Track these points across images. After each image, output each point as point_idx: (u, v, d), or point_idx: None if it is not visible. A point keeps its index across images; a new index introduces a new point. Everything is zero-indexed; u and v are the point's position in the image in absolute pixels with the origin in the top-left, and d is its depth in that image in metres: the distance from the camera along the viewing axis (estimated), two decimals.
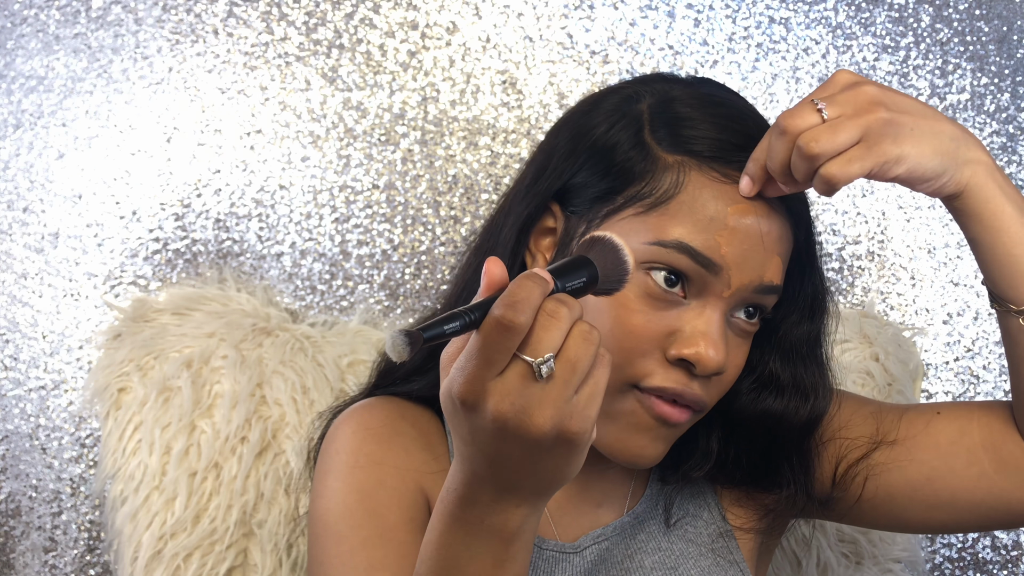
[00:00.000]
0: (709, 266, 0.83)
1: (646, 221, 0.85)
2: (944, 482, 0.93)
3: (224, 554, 1.12)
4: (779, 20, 1.42)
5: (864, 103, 0.81)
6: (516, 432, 0.63)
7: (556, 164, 0.92)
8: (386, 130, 1.37)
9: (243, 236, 1.35)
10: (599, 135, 0.90)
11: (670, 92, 0.90)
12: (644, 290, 0.84)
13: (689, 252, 0.83)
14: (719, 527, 0.98)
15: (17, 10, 1.34)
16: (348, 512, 0.88)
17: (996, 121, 1.45)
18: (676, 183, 0.85)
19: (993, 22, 1.44)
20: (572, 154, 0.91)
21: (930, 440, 0.94)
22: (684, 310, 0.84)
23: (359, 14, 1.37)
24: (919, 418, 0.96)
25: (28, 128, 1.34)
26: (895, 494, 0.95)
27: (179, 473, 1.12)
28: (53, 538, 1.33)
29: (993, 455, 0.92)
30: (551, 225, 0.92)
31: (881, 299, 1.43)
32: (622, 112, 0.90)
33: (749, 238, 0.84)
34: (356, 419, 0.95)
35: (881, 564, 1.26)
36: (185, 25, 1.35)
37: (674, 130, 0.87)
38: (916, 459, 0.94)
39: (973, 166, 0.84)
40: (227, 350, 1.18)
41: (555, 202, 0.91)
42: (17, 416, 1.34)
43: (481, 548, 0.68)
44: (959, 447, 0.93)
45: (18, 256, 1.34)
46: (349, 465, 0.91)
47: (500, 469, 0.66)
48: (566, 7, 1.39)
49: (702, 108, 0.88)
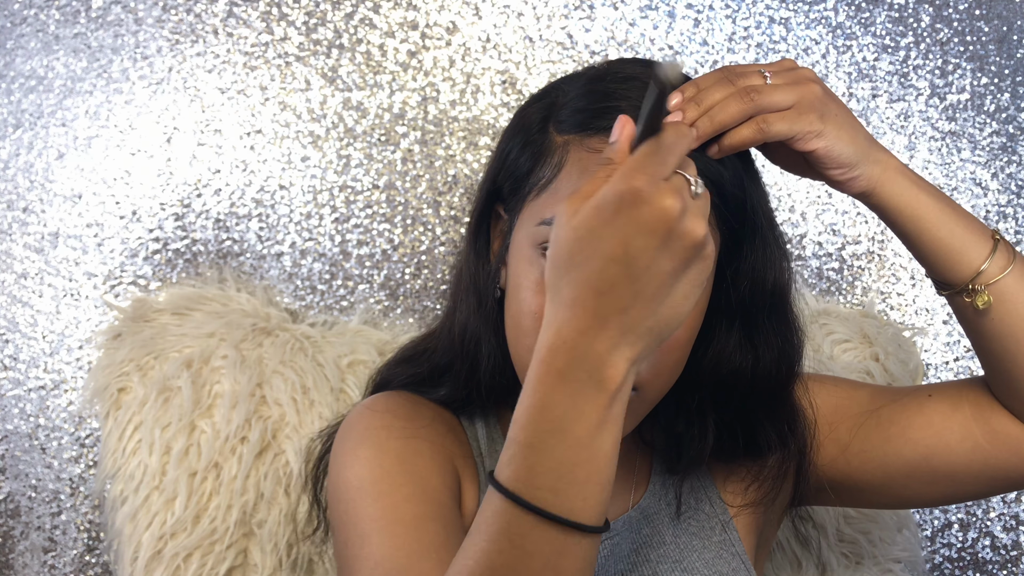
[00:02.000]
0: None
1: (539, 202, 0.87)
2: (941, 459, 0.96)
3: (224, 554, 1.12)
4: (779, 20, 1.42)
5: (802, 79, 0.89)
6: (677, 230, 0.64)
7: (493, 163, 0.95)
8: (386, 130, 1.37)
9: (243, 236, 1.35)
10: (523, 121, 0.93)
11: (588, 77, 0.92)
12: (542, 271, 0.85)
13: None
14: (720, 519, 0.99)
15: (17, 10, 1.34)
16: (386, 474, 0.86)
17: (996, 121, 1.45)
18: (558, 164, 0.87)
19: (993, 22, 1.44)
20: (504, 146, 0.94)
21: (924, 419, 0.97)
22: None
23: (359, 14, 1.37)
24: (912, 401, 0.99)
25: (28, 128, 1.34)
26: (893, 474, 0.98)
27: (179, 473, 1.12)
28: (52, 538, 1.33)
29: (984, 427, 0.95)
30: (503, 227, 0.95)
31: (881, 299, 1.43)
32: (544, 104, 0.92)
33: None
34: (380, 403, 0.94)
35: (881, 564, 1.26)
36: (185, 25, 1.35)
37: (570, 111, 0.89)
38: (912, 439, 0.97)
39: (884, 164, 0.91)
40: (227, 350, 1.18)
41: (499, 203, 0.94)
42: (17, 416, 1.34)
43: (588, 403, 0.66)
44: (952, 423, 0.96)
45: (18, 256, 1.34)
46: (382, 437, 0.89)
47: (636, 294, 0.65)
48: (566, 7, 1.39)
49: (588, 84, 0.90)
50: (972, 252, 0.91)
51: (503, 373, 0.94)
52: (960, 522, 1.44)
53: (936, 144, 1.44)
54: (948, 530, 1.44)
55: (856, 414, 1.00)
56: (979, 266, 0.91)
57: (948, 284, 0.93)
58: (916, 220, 0.91)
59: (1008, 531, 1.44)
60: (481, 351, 0.94)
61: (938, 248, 0.91)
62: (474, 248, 0.96)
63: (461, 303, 0.96)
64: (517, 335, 0.87)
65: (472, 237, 0.96)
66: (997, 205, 1.45)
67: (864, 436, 0.99)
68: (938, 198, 0.92)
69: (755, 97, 0.86)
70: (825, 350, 1.30)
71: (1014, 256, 0.92)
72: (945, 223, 0.91)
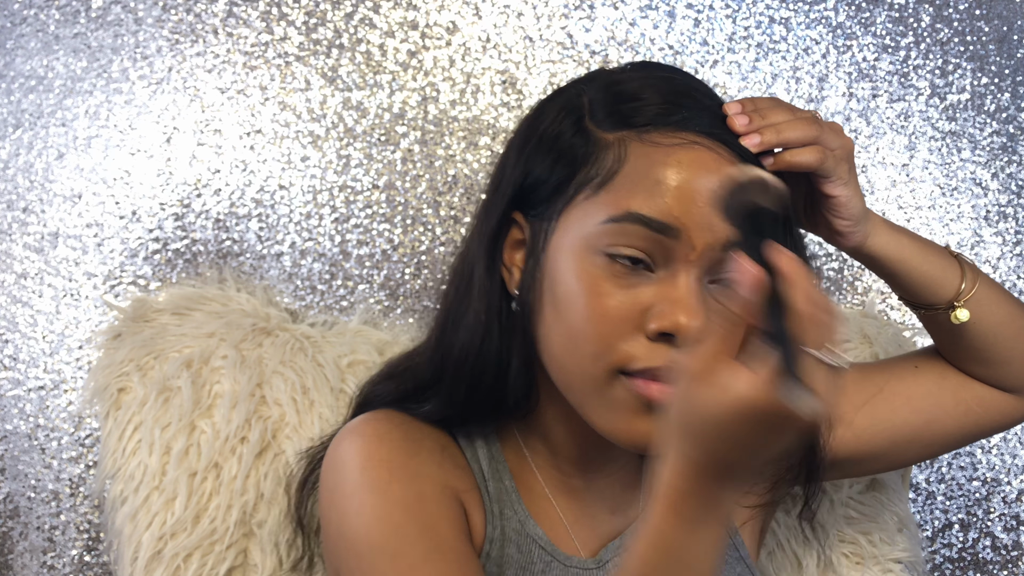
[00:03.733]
0: (666, 230, 0.82)
1: (596, 202, 0.84)
2: (940, 424, 1.06)
3: (224, 554, 1.11)
4: (779, 20, 1.42)
5: (843, 131, 0.96)
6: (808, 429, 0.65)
7: (509, 172, 0.92)
8: (386, 130, 1.37)
9: (243, 236, 1.35)
10: (544, 130, 0.90)
11: (607, 79, 0.92)
12: (611, 272, 0.83)
13: (642, 220, 0.82)
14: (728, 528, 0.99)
15: (17, 10, 1.34)
16: (396, 529, 0.83)
17: (996, 121, 1.45)
18: (618, 158, 0.85)
19: (993, 22, 1.44)
20: (522, 157, 0.91)
21: (923, 390, 1.06)
22: (655, 283, 0.83)
23: (359, 14, 1.37)
24: (907, 373, 1.07)
25: (28, 128, 1.34)
26: (899, 441, 1.06)
27: (179, 473, 1.12)
28: (52, 539, 1.33)
29: (972, 394, 1.06)
30: (520, 237, 0.91)
31: (881, 299, 1.43)
32: (565, 108, 0.91)
33: (703, 195, 0.83)
34: (371, 431, 0.91)
35: (881, 564, 1.26)
36: (185, 25, 1.35)
37: (611, 110, 0.88)
38: (916, 409, 1.05)
39: (872, 219, 0.99)
40: (227, 350, 1.18)
41: (517, 211, 0.91)
42: (16, 416, 1.33)
43: (704, 535, 0.69)
44: (945, 392, 1.06)
45: (18, 256, 1.34)
46: (383, 479, 0.86)
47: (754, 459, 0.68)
48: (566, 7, 1.39)
49: (632, 82, 0.90)
50: (949, 277, 1.01)
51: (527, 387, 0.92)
52: (960, 522, 1.44)
53: (936, 144, 1.44)
54: (948, 530, 1.44)
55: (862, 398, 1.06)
56: (958, 287, 1.00)
57: (929, 306, 1.03)
58: (901, 263, 1.00)
59: (1008, 531, 1.44)
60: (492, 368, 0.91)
61: (922, 281, 1.01)
62: (489, 260, 0.92)
63: (466, 318, 0.92)
64: (576, 343, 0.84)
65: (488, 248, 0.92)
66: (997, 205, 1.45)
67: (871, 412, 1.05)
68: (913, 237, 1.01)
69: (820, 127, 0.91)
70: None
71: (973, 268, 1.02)
72: (925, 258, 1.00)
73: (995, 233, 1.45)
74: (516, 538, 0.91)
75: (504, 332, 0.91)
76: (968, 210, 1.45)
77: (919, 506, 1.43)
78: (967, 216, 1.45)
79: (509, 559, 0.91)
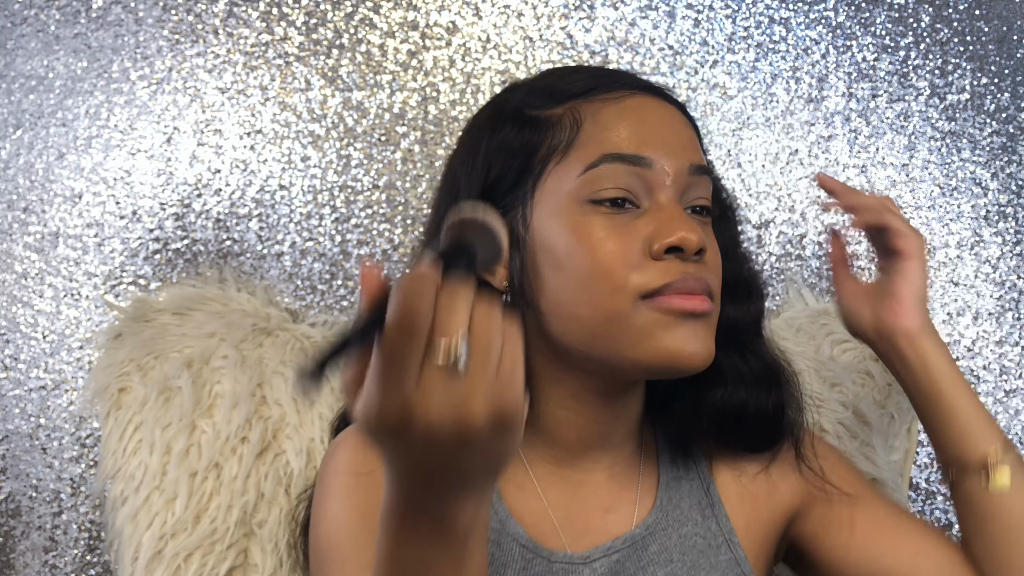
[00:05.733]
0: (640, 161, 0.88)
1: (568, 162, 0.89)
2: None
3: (224, 554, 1.12)
4: (779, 20, 1.42)
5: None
6: (454, 435, 0.58)
7: (465, 184, 0.94)
8: (386, 130, 1.37)
9: (243, 236, 1.35)
10: (487, 138, 0.94)
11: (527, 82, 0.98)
12: (601, 216, 0.88)
13: (617, 158, 0.88)
14: (727, 538, 0.99)
15: (17, 10, 1.34)
16: (350, 535, 0.87)
17: (996, 121, 1.45)
18: (574, 120, 0.91)
19: (993, 22, 1.44)
20: (475, 168, 0.94)
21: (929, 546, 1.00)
22: (645, 215, 0.88)
23: (359, 14, 1.37)
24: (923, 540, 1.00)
25: (28, 128, 1.34)
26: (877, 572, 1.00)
27: (179, 473, 1.12)
28: (53, 538, 1.33)
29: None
30: None
31: None
32: (500, 116, 0.95)
33: (659, 128, 0.90)
34: (351, 441, 0.94)
35: None
36: (185, 25, 1.35)
37: (545, 96, 0.93)
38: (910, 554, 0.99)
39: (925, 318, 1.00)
40: (227, 350, 1.18)
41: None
42: (17, 416, 1.34)
43: (438, 552, 0.64)
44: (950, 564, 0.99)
45: (18, 256, 1.34)
46: (348, 486, 0.90)
47: (443, 474, 0.61)
48: (566, 7, 1.39)
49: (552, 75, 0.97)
50: (991, 426, 0.96)
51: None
52: None
53: (936, 144, 1.44)
54: (948, 531, 1.44)
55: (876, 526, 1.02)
56: (999, 442, 0.95)
57: (963, 461, 0.96)
58: (952, 380, 0.97)
59: None
60: None
61: (966, 416, 0.96)
62: None
63: None
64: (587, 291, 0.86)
65: None
66: (997, 205, 1.45)
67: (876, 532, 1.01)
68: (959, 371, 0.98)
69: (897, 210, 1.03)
70: (825, 350, 1.30)
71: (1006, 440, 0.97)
72: (969, 392, 0.97)
73: (995, 233, 1.45)
74: (496, 537, 0.93)
75: None
76: (968, 210, 1.45)
77: (919, 506, 1.43)
78: (967, 216, 1.45)
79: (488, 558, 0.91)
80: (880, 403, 1.27)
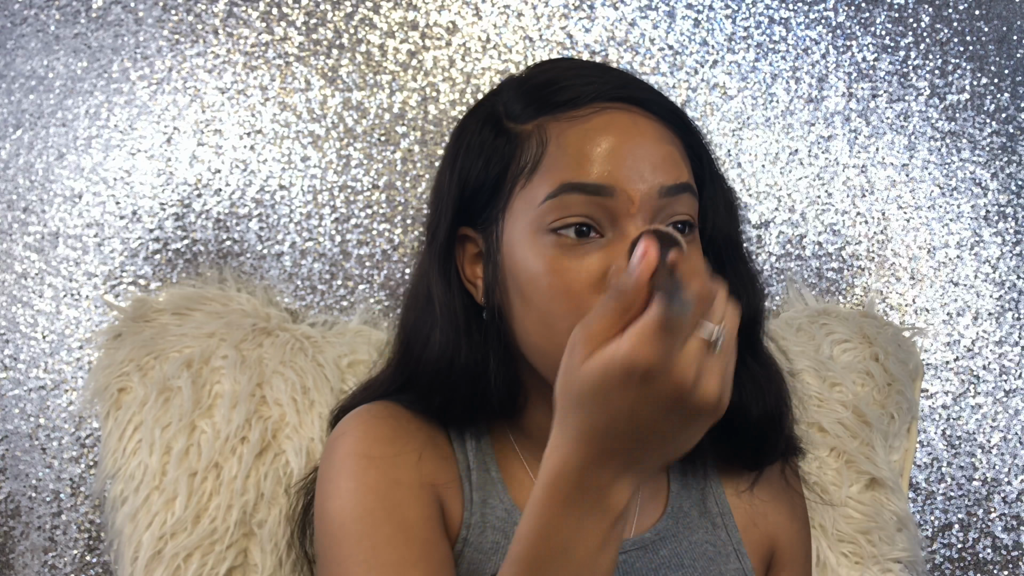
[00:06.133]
0: (600, 191, 0.84)
1: (531, 187, 0.87)
2: None
3: (224, 554, 1.12)
4: (779, 20, 1.42)
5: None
6: (689, 399, 0.65)
7: (447, 189, 0.94)
8: (386, 130, 1.37)
9: (243, 236, 1.35)
10: (469, 142, 0.93)
11: (514, 82, 0.95)
12: (562, 247, 0.85)
13: (576, 188, 0.84)
14: (736, 548, 0.98)
15: (17, 10, 1.34)
16: (367, 511, 0.87)
17: (996, 121, 1.45)
18: (541, 141, 0.88)
19: (993, 22, 1.44)
20: (455, 172, 0.93)
21: None
22: (606, 246, 0.85)
23: (359, 14, 1.37)
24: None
25: (28, 128, 1.34)
26: None
27: (179, 473, 1.12)
28: (53, 538, 1.33)
29: None
30: (475, 250, 0.93)
31: (881, 299, 1.43)
32: (483, 118, 0.94)
33: (626, 149, 0.86)
34: (362, 422, 0.94)
35: (881, 564, 1.26)
36: (185, 25, 1.35)
37: (524, 104, 0.91)
38: None
39: None
40: (227, 350, 1.18)
41: (465, 226, 0.93)
42: (17, 416, 1.34)
43: (591, 527, 0.69)
44: None
45: (18, 256, 1.34)
46: (362, 466, 0.89)
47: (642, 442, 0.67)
48: (566, 7, 1.39)
49: (536, 76, 0.93)
50: None
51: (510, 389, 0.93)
52: (960, 522, 1.44)
53: (936, 144, 1.44)
54: (948, 530, 1.43)
55: None
56: None
57: None
58: None
59: (1008, 531, 1.44)
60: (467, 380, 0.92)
61: None
62: (445, 277, 0.94)
63: (432, 337, 0.94)
64: (549, 326, 0.86)
65: (441, 267, 0.94)
66: (997, 205, 1.45)
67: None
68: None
69: None
70: (825, 350, 1.30)
71: None
72: None
73: (995, 233, 1.45)
74: (502, 526, 0.93)
75: (475, 345, 0.92)
76: (968, 210, 1.45)
77: (919, 506, 1.43)
78: (967, 216, 1.45)
79: (495, 546, 0.92)
80: (880, 403, 1.27)
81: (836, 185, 1.43)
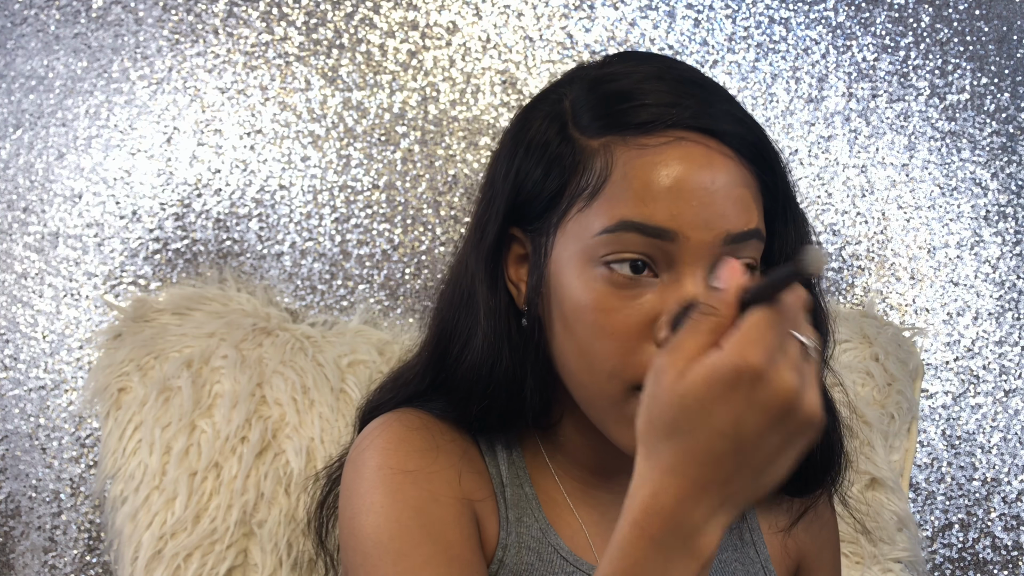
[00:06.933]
0: (661, 234, 0.79)
1: (590, 213, 0.82)
2: None
3: (224, 554, 1.12)
4: (779, 20, 1.42)
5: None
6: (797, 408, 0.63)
7: (500, 186, 0.90)
8: (386, 130, 1.37)
9: (243, 236, 1.35)
10: (531, 140, 0.88)
11: (587, 79, 0.88)
12: (614, 284, 0.80)
13: (636, 228, 0.79)
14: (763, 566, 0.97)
15: (17, 10, 1.34)
16: (404, 530, 0.83)
17: (996, 121, 1.45)
18: (606, 165, 0.82)
19: (993, 22, 1.44)
20: (512, 169, 0.89)
21: None
22: (660, 289, 0.80)
23: (359, 14, 1.37)
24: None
25: (28, 128, 1.34)
26: None
27: (179, 473, 1.12)
28: (53, 538, 1.33)
29: None
30: (522, 252, 0.90)
31: (881, 299, 1.43)
32: (548, 115, 0.88)
33: (695, 193, 0.79)
34: (394, 433, 0.89)
35: (882, 564, 1.26)
36: (185, 25, 1.35)
37: (594, 114, 0.84)
38: None
39: None
40: (227, 350, 1.18)
41: (514, 226, 0.89)
42: (17, 416, 1.34)
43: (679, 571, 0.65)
44: None
45: (18, 256, 1.34)
46: (396, 481, 0.85)
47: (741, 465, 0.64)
48: (566, 7, 1.39)
49: (613, 81, 0.86)
50: None
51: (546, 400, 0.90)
52: (960, 522, 1.44)
53: (936, 144, 1.44)
54: (949, 530, 1.44)
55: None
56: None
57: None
58: None
59: (1009, 531, 1.44)
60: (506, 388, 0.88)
61: None
62: (491, 279, 0.89)
63: (473, 339, 0.90)
64: (589, 361, 0.82)
65: (488, 268, 0.89)
66: (997, 205, 1.45)
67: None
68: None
69: None
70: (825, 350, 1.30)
71: None
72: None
73: (995, 233, 1.45)
74: (536, 546, 0.90)
75: (515, 351, 0.88)
76: (968, 210, 1.45)
77: (919, 506, 1.43)
78: (967, 216, 1.45)
79: (529, 567, 0.89)
80: (880, 403, 1.27)
81: (836, 185, 1.43)
